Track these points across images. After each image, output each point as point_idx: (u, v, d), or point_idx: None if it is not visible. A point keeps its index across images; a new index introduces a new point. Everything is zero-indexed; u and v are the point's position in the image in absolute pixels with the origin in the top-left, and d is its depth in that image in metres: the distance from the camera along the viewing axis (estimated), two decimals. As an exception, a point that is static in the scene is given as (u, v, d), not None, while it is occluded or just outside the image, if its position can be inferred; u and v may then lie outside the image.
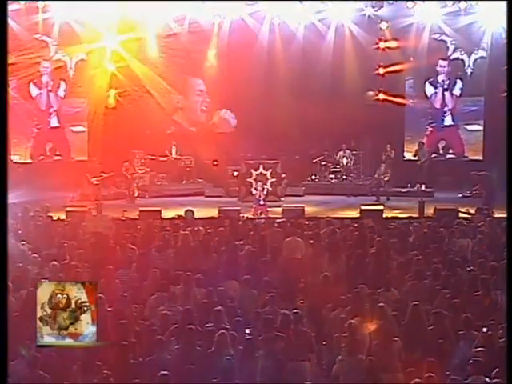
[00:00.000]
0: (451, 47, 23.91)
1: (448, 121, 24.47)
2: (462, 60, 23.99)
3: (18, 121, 22.06)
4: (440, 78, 24.15)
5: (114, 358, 8.98)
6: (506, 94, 18.60)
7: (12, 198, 15.77)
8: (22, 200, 17.55)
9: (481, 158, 23.84)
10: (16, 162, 22.57)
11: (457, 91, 24.15)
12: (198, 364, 8.89)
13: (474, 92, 23.93)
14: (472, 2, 22.97)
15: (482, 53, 23.71)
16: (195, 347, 9.20)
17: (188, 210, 17.03)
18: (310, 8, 23.42)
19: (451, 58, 24.02)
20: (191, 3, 23.25)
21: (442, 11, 23.32)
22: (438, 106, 24.33)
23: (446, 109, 24.36)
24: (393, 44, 23.65)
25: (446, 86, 24.15)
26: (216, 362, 8.97)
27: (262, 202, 20.36)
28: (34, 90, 23.78)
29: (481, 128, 24.04)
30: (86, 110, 23.89)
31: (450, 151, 24.48)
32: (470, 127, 24.27)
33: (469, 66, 23.95)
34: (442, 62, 24.07)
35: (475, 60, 23.86)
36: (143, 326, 10.16)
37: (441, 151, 24.49)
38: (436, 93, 24.25)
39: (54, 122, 24.13)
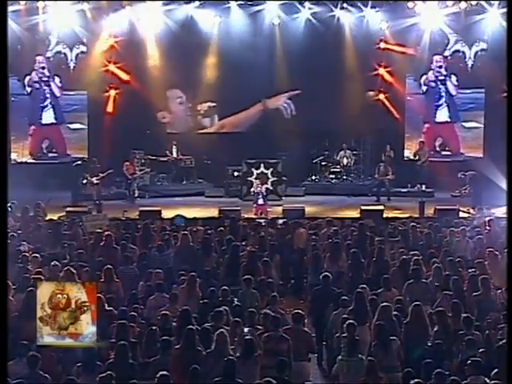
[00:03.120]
0: (452, 39, 23.86)
1: (444, 117, 24.39)
2: (463, 52, 23.96)
3: (14, 118, 22.15)
4: (432, 73, 24.03)
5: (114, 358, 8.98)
6: (506, 93, 18.66)
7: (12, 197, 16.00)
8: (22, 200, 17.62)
9: (480, 155, 23.76)
10: (15, 162, 22.51)
11: (451, 87, 24.06)
12: (199, 364, 8.87)
13: (474, 85, 23.80)
14: (472, 1, 22.95)
15: (483, 45, 23.62)
16: (195, 347, 9.19)
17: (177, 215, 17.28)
18: (309, 8, 23.39)
19: (452, 50, 23.97)
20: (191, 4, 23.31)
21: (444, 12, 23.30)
22: (431, 101, 24.28)
23: (441, 101, 24.28)
24: (394, 47, 23.67)
25: (439, 83, 24.10)
26: (216, 361, 8.97)
27: (261, 202, 20.35)
28: (28, 88, 23.53)
29: (479, 125, 23.96)
30: (86, 107, 23.81)
31: (447, 148, 24.39)
32: (468, 124, 24.21)
33: (470, 58, 23.90)
34: (436, 58, 23.99)
35: (476, 52, 23.80)
36: (143, 326, 10.16)
37: (437, 148, 24.39)
38: (429, 88, 24.18)
39: (49, 118, 23.91)
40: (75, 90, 23.59)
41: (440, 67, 23.96)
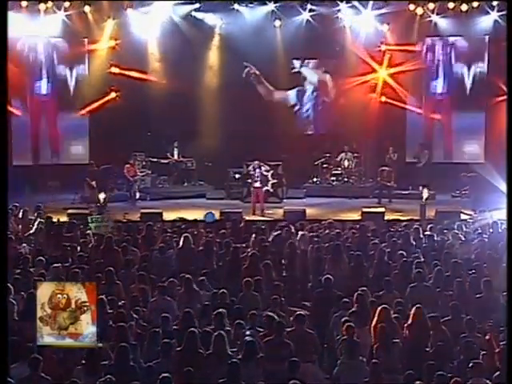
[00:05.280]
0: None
1: (439, 88, 24.24)
2: (462, 74, 23.98)
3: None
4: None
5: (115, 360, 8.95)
6: (506, 94, 18.66)
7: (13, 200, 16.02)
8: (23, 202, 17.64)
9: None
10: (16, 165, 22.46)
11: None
12: (200, 366, 8.86)
13: (473, 108, 23.61)
14: (473, 3, 22.94)
15: (481, 66, 23.68)
16: (197, 349, 9.18)
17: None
18: (310, 10, 23.40)
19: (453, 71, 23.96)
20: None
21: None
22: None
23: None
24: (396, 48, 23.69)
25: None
26: (217, 364, 8.95)
27: (258, 185, 20.46)
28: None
29: (478, 150, 23.89)
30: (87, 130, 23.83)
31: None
32: (467, 149, 24.13)
33: (468, 80, 23.91)
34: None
35: (475, 75, 23.83)
36: (144, 328, 10.14)
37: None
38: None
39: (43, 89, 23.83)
40: (76, 112, 23.61)
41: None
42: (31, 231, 15.97)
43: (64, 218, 17.73)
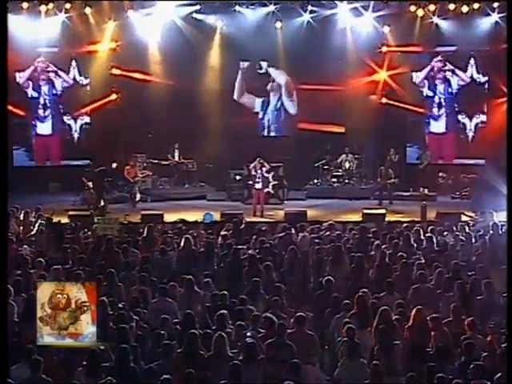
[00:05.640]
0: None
1: (441, 128, 24.38)
2: (464, 124, 23.99)
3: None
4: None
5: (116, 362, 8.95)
6: (506, 93, 18.72)
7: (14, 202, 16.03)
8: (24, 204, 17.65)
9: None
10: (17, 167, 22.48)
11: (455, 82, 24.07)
12: (200, 368, 8.85)
13: (475, 156, 23.48)
14: (474, 4, 22.93)
15: (482, 117, 23.68)
16: (197, 351, 9.17)
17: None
18: (311, 12, 23.40)
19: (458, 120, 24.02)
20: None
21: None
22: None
23: (441, 111, 24.28)
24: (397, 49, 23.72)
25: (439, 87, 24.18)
26: (218, 365, 8.94)
27: (259, 186, 20.46)
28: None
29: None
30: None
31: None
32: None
33: (470, 129, 23.92)
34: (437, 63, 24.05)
35: (476, 124, 23.82)
36: (145, 329, 10.14)
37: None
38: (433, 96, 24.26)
39: (46, 129, 24.01)
40: (79, 160, 23.60)
41: (441, 68, 23.95)
42: (32, 233, 15.99)
43: (65, 220, 17.73)
